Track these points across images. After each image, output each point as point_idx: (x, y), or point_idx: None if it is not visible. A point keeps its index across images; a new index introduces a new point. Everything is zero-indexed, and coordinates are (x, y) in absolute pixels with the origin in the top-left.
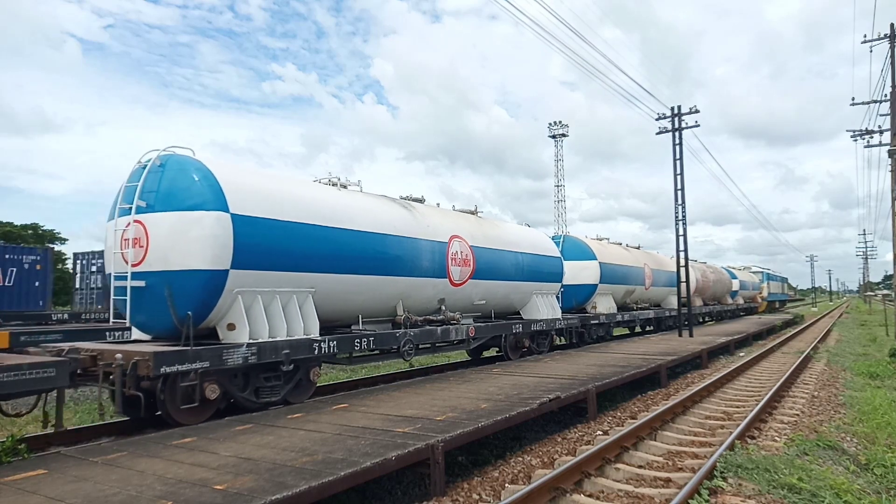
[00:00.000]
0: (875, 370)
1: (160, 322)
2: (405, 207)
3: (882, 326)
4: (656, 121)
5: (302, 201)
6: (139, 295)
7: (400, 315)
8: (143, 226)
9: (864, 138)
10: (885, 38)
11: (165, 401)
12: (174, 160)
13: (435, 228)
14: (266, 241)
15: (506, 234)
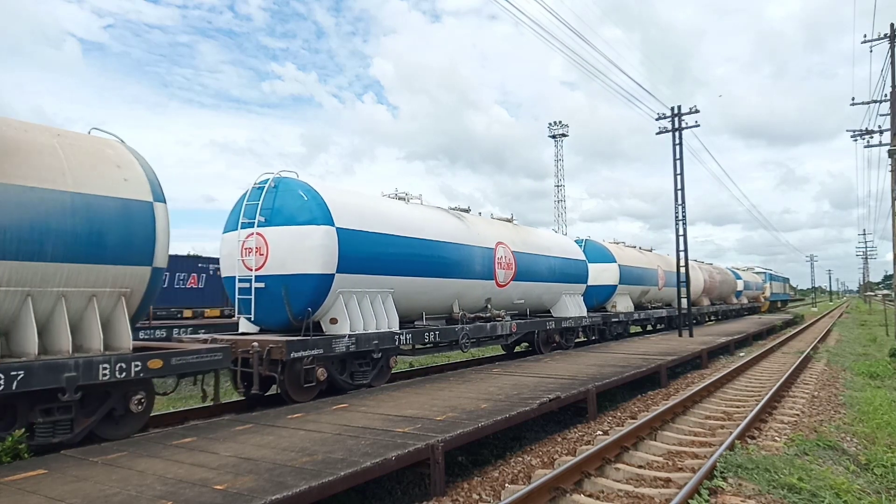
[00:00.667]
0: (875, 370)
1: (274, 317)
2: (458, 218)
3: (882, 326)
4: (656, 121)
5: (383, 215)
6: (259, 294)
7: (456, 312)
8: (262, 237)
9: (863, 138)
10: (885, 38)
11: (285, 381)
12: (286, 182)
13: (483, 236)
14: (361, 250)
15: (540, 239)
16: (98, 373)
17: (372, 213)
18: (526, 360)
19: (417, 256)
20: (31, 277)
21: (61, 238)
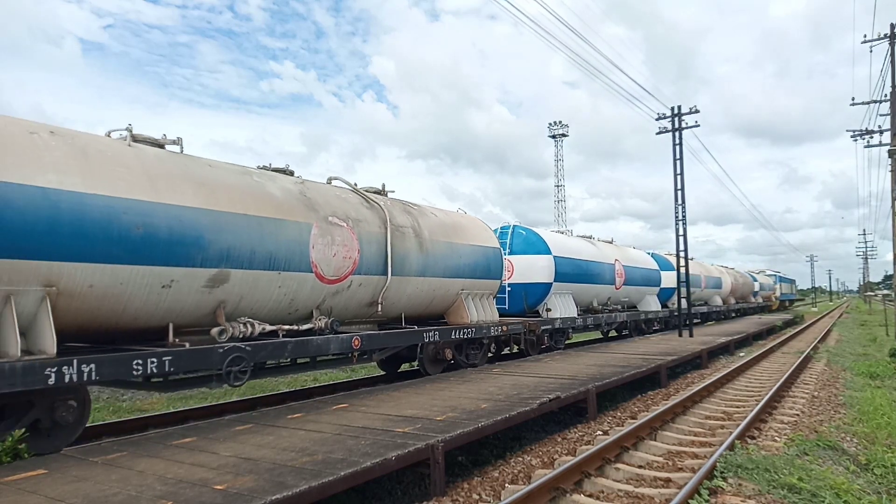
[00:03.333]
0: (875, 370)
1: (516, 308)
2: (593, 244)
3: (882, 326)
4: (656, 121)
5: (572, 247)
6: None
7: (597, 307)
8: (510, 262)
9: (864, 138)
10: (885, 38)
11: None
12: (519, 228)
13: (607, 255)
14: (565, 268)
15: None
16: None
17: (569, 247)
18: (526, 360)
19: (585, 271)
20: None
21: None
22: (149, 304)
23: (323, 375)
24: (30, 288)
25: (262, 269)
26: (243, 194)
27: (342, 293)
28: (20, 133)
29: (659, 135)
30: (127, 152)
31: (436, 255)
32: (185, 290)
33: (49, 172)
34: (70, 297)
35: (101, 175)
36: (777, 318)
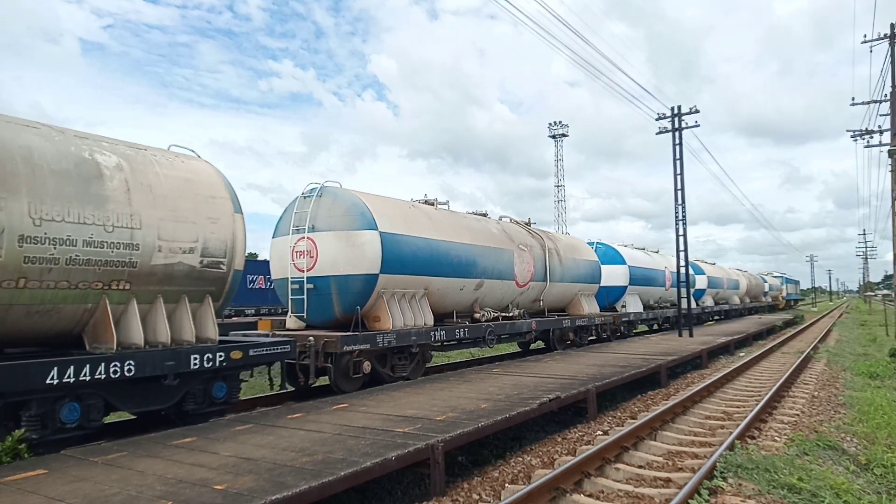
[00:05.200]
0: (875, 370)
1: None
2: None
3: (882, 326)
4: (656, 121)
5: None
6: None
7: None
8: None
9: (864, 138)
10: (885, 38)
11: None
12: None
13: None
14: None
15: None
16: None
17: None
18: (526, 360)
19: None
20: None
21: None
22: (454, 298)
23: None
24: (419, 290)
25: (495, 278)
26: (484, 233)
27: (525, 293)
28: (406, 206)
29: (659, 135)
30: (438, 213)
31: (566, 266)
32: (467, 291)
33: (425, 230)
34: (432, 295)
35: (439, 229)
36: (777, 318)
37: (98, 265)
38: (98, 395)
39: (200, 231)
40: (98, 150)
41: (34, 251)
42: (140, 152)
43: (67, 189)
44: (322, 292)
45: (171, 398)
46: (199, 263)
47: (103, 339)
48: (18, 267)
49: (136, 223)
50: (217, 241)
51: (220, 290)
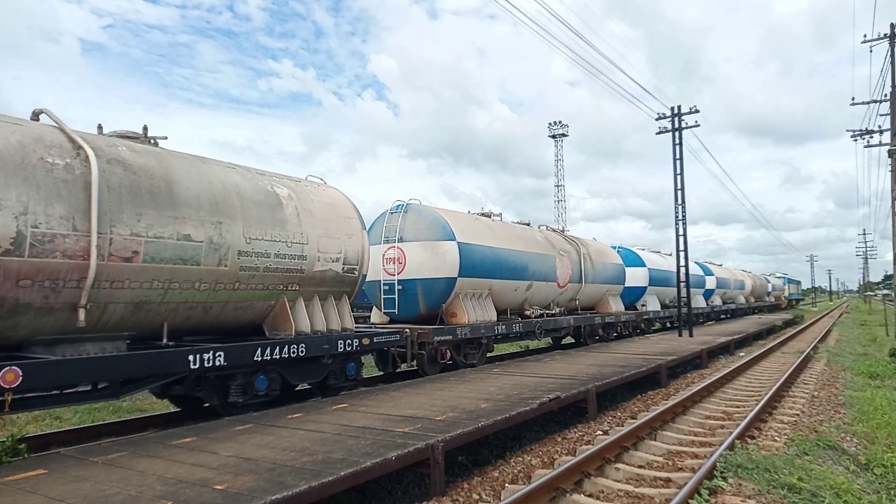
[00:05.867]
0: (875, 370)
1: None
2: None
3: (882, 326)
4: (656, 120)
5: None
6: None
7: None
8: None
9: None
10: (885, 37)
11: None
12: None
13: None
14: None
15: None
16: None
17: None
18: (526, 360)
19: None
20: None
21: None
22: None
23: None
24: (484, 290)
25: (541, 280)
26: (532, 241)
27: (564, 293)
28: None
29: (659, 135)
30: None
31: (597, 269)
32: (520, 292)
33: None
34: (493, 295)
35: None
36: (777, 318)
37: (281, 272)
38: (277, 370)
39: (342, 244)
40: (276, 183)
41: (246, 262)
42: (299, 184)
43: (263, 215)
44: (409, 293)
45: (322, 374)
46: (341, 269)
47: (282, 328)
48: (236, 274)
49: (305, 240)
50: (353, 252)
51: (353, 290)
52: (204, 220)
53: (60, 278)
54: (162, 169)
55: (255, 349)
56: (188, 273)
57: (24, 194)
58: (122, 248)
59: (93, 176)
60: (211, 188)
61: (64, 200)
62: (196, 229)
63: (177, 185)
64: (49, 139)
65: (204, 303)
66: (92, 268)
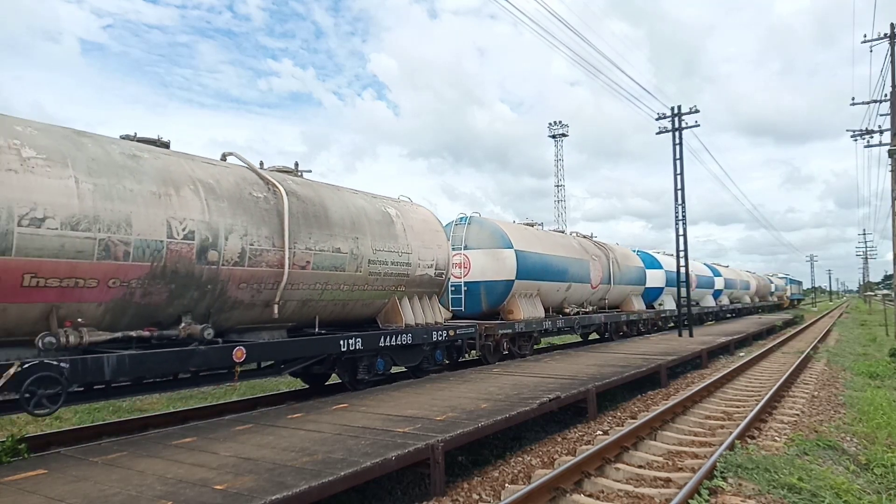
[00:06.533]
0: (875, 370)
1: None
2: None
3: (882, 326)
4: (656, 120)
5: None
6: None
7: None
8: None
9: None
10: (885, 37)
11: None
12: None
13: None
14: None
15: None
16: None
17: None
18: (526, 360)
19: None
20: None
21: None
22: (553, 297)
23: None
24: (534, 291)
25: (578, 282)
26: (570, 247)
27: (595, 293)
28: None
29: (659, 134)
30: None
31: (622, 272)
32: (561, 292)
33: (537, 247)
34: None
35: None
36: (777, 318)
37: (394, 276)
38: (389, 354)
39: (434, 253)
40: (387, 204)
41: (373, 268)
42: (400, 203)
43: (382, 231)
44: (474, 293)
45: (419, 359)
46: (433, 273)
47: (393, 321)
48: (366, 278)
49: (409, 250)
50: (441, 259)
51: (441, 290)
52: (347, 236)
53: (264, 282)
54: (318, 197)
55: (379, 337)
56: (337, 277)
57: (245, 221)
58: (300, 259)
59: (285, 206)
60: (349, 211)
61: (266, 224)
62: (343, 244)
63: (329, 210)
64: (249, 178)
65: (344, 300)
66: (285, 274)
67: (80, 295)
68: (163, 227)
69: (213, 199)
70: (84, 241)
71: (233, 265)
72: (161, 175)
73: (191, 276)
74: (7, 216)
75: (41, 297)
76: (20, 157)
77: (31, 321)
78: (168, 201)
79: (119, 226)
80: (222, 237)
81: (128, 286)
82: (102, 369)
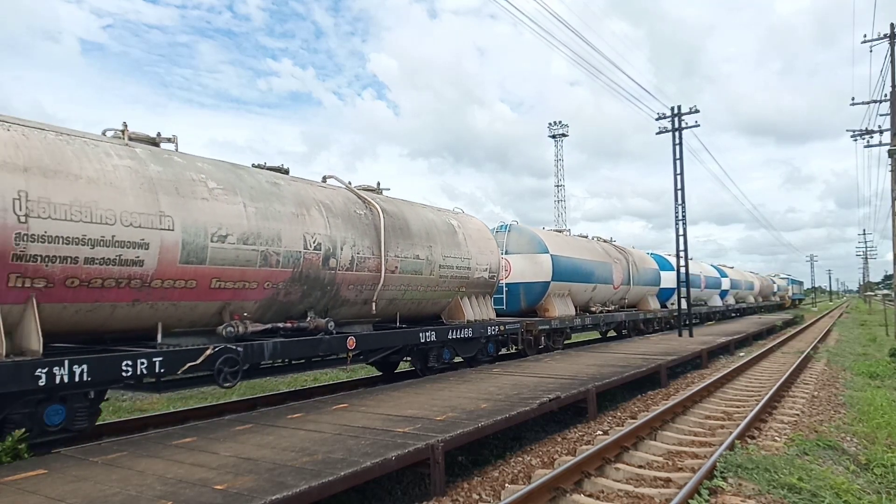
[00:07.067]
0: (875, 370)
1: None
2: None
3: (882, 326)
4: (656, 120)
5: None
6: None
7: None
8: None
9: (864, 138)
10: (885, 38)
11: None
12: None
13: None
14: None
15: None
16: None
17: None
18: (526, 360)
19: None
20: None
21: None
22: (581, 297)
23: (323, 375)
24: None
25: (602, 283)
26: (595, 252)
27: (617, 294)
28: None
29: (659, 135)
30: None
31: (640, 273)
32: (587, 292)
33: (568, 252)
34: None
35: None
36: (777, 318)
37: (458, 278)
38: (453, 346)
39: (487, 259)
40: (449, 217)
41: (442, 272)
42: (458, 215)
43: (448, 240)
44: (514, 293)
45: (475, 350)
46: (487, 276)
47: (455, 317)
48: (437, 280)
49: (469, 255)
50: (493, 264)
51: (492, 291)
52: (423, 245)
53: (365, 284)
54: (400, 212)
55: (448, 331)
56: (416, 280)
57: (353, 234)
58: (391, 264)
59: (381, 221)
60: (423, 223)
61: (367, 236)
62: (421, 251)
63: (409, 223)
64: (351, 198)
65: (419, 300)
66: (382, 277)
67: (244, 294)
68: (300, 241)
69: (331, 216)
70: (251, 252)
71: (345, 270)
72: (296, 198)
73: (317, 279)
74: (204, 234)
75: (220, 297)
76: (207, 188)
77: (210, 315)
78: (303, 219)
79: (273, 240)
80: (339, 247)
81: (276, 287)
82: (263, 352)
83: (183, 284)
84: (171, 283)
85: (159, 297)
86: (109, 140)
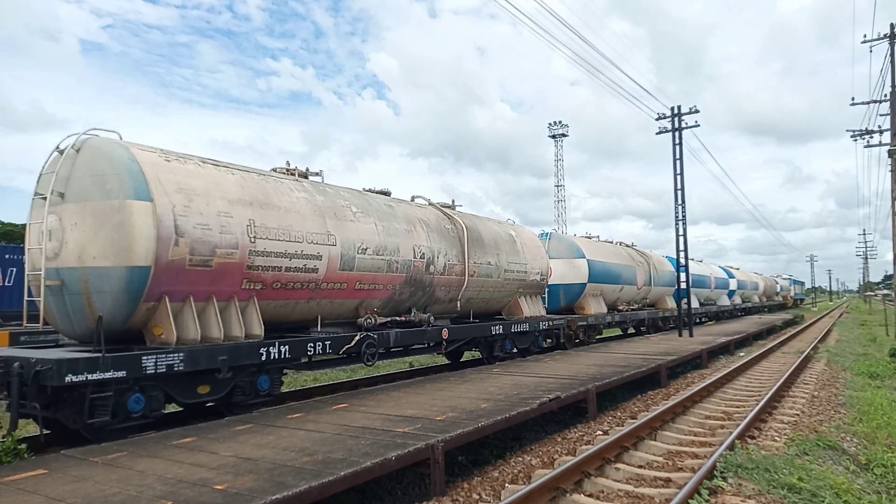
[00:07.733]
0: (875, 370)
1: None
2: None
3: (882, 326)
4: (656, 120)
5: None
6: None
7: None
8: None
9: (864, 138)
10: (885, 38)
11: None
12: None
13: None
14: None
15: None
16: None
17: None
18: (526, 360)
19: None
20: None
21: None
22: (610, 297)
23: (323, 375)
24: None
25: (628, 284)
26: (622, 256)
27: (639, 294)
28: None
29: (659, 135)
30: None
31: (659, 275)
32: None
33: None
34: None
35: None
36: (777, 318)
37: (517, 281)
38: (513, 338)
39: (539, 264)
40: (507, 228)
41: (506, 276)
42: (514, 226)
43: (509, 248)
44: (554, 294)
45: (528, 343)
46: (539, 279)
47: (514, 314)
48: (502, 283)
49: (525, 261)
50: (543, 268)
51: (543, 291)
52: (492, 252)
53: (452, 286)
54: (474, 225)
55: (511, 325)
56: (488, 282)
57: (444, 245)
58: (471, 269)
59: (465, 234)
60: (492, 234)
61: (454, 246)
62: (491, 258)
63: (482, 234)
64: (439, 215)
65: (488, 299)
66: (465, 280)
67: (374, 294)
68: (411, 251)
69: (429, 231)
70: (381, 261)
71: (440, 274)
72: (406, 217)
73: (421, 282)
74: (353, 248)
75: (359, 296)
76: (352, 212)
77: (350, 310)
78: (412, 234)
79: (394, 251)
80: (436, 256)
81: (394, 288)
82: (390, 339)
83: (338, 286)
84: (332, 286)
85: (323, 296)
86: (287, 177)
